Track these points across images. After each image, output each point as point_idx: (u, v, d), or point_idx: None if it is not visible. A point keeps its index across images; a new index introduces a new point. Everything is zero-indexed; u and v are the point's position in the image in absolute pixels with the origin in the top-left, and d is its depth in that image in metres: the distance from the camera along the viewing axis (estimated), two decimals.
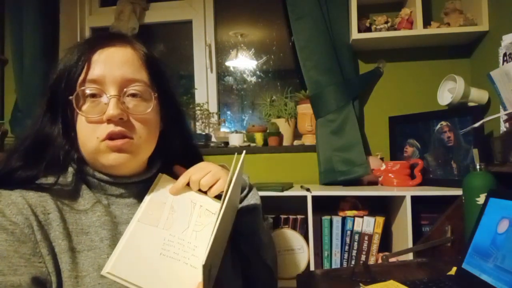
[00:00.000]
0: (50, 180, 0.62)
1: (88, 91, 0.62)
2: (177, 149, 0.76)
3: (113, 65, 0.63)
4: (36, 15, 1.66)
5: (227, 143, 1.75)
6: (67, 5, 1.90)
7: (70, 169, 0.65)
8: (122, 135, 0.62)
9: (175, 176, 0.71)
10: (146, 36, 1.96)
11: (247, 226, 0.76)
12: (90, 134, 0.62)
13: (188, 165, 0.72)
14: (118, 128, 0.61)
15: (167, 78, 0.73)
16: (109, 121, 0.61)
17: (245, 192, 0.78)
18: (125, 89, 0.63)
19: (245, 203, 0.76)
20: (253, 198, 0.78)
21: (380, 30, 1.51)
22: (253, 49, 1.97)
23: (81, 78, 0.62)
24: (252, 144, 1.73)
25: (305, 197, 1.27)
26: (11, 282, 0.51)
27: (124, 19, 1.86)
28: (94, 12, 2.03)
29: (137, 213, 0.62)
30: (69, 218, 0.60)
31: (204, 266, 0.46)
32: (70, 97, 0.61)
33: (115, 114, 0.60)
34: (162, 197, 0.66)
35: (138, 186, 0.69)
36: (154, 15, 1.96)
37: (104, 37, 0.67)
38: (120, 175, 0.67)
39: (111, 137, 0.61)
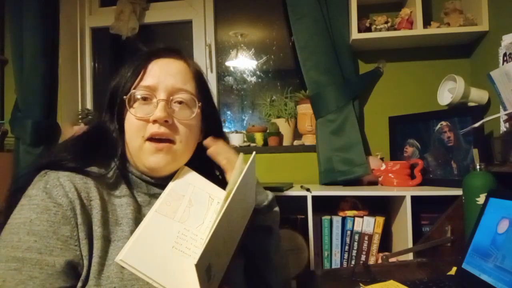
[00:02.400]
0: (94, 170, 0.67)
1: (140, 94, 0.68)
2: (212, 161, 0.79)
3: (167, 74, 0.70)
4: (36, 15, 1.65)
5: None
6: (67, 5, 1.90)
7: (113, 164, 0.71)
8: (165, 137, 0.67)
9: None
10: (146, 36, 1.95)
11: (256, 244, 0.76)
12: (136, 132, 0.68)
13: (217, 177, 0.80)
14: (162, 129, 0.67)
15: (211, 93, 0.80)
16: (154, 121, 0.67)
17: (263, 204, 0.78)
18: (173, 96, 0.69)
19: (259, 222, 0.77)
20: (270, 218, 0.78)
21: (380, 30, 1.51)
22: (253, 49, 1.97)
23: (136, 82, 0.69)
24: (252, 144, 1.72)
25: (305, 197, 1.27)
26: (46, 262, 0.54)
27: (124, 19, 1.85)
28: (94, 12, 2.03)
29: (156, 203, 0.64)
30: (108, 207, 0.64)
31: (197, 266, 0.45)
32: (124, 96, 0.68)
33: (162, 116, 0.66)
34: (182, 189, 0.68)
35: None
36: (154, 15, 1.96)
37: (161, 49, 0.74)
38: (156, 176, 0.71)
39: (153, 137, 0.67)
